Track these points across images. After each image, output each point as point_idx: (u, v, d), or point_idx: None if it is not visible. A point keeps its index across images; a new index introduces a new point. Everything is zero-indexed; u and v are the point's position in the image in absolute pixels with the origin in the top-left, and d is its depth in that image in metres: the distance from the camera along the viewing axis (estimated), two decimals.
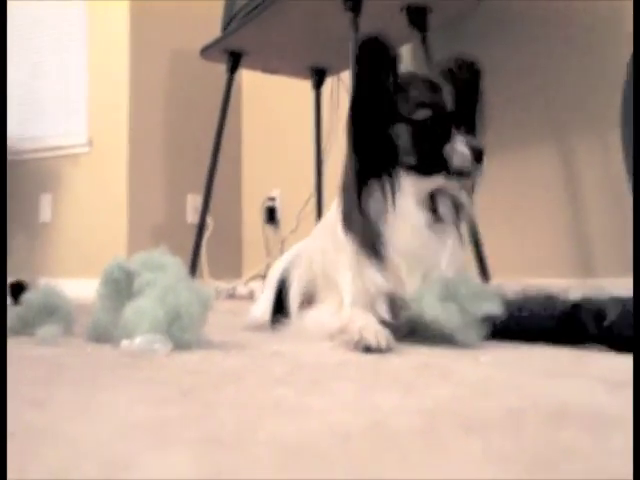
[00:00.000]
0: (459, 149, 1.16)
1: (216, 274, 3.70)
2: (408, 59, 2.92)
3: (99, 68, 3.78)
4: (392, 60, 1.19)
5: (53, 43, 3.98)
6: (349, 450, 0.48)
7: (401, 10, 2.38)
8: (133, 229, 3.60)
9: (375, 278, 1.16)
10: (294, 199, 3.56)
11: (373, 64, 1.17)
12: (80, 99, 3.84)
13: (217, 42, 2.82)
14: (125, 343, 0.98)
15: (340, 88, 3.16)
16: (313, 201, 3.21)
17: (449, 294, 1.09)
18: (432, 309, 1.07)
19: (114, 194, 3.64)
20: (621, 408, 0.61)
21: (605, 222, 2.22)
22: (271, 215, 3.80)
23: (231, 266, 3.94)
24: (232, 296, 3.59)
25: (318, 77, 3.14)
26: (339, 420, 0.57)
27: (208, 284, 3.43)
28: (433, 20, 2.41)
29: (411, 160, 1.19)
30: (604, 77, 2.23)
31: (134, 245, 3.48)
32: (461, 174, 1.18)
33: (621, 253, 2.06)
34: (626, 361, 0.88)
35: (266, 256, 3.73)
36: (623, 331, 1.01)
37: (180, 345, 1.01)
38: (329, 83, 3.19)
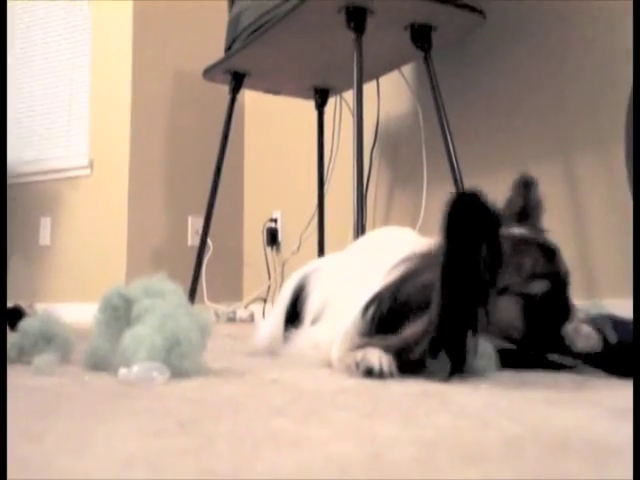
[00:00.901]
0: (584, 331, 1.01)
1: (216, 297, 3.69)
2: (411, 78, 2.94)
3: (101, 90, 3.80)
4: (494, 223, 0.97)
5: (55, 66, 4.01)
6: None
7: (405, 29, 2.39)
8: (133, 253, 3.59)
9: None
10: (296, 221, 3.56)
11: (468, 230, 0.93)
12: (81, 121, 3.86)
13: (220, 63, 2.84)
14: (123, 372, 0.97)
15: (343, 108, 3.17)
16: (315, 223, 3.21)
17: None
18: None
19: (114, 217, 3.64)
20: (623, 436, 0.61)
21: (609, 242, 2.22)
22: (272, 237, 3.79)
23: (231, 289, 3.93)
24: (232, 320, 3.58)
25: (321, 97, 3.15)
26: (337, 451, 0.57)
27: (207, 307, 3.42)
28: (437, 39, 2.42)
29: (516, 334, 1.04)
30: (609, 95, 2.23)
31: (134, 269, 3.48)
32: (579, 355, 1.03)
33: (625, 274, 2.05)
34: (627, 387, 0.87)
35: (267, 279, 3.72)
36: (625, 355, 1.00)
37: (179, 373, 1.01)
38: (332, 103, 3.20)
